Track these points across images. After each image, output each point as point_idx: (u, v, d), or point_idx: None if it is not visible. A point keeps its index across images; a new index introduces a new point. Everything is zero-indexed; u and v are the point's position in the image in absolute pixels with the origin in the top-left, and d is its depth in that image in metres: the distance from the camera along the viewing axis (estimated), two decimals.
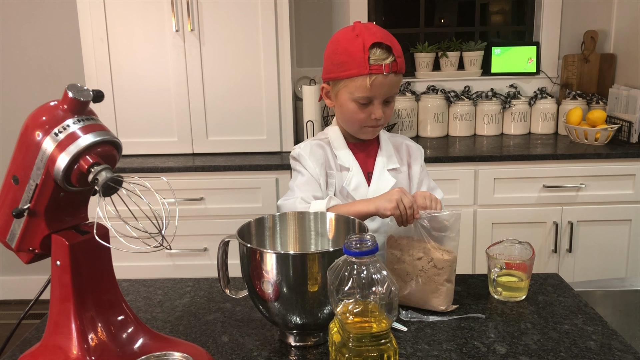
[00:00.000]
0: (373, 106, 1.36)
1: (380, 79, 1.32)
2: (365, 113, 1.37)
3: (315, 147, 1.46)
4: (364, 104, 1.36)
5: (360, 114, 1.37)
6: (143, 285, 1.35)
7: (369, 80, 1.32)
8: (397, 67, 1.33)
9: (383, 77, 1.32)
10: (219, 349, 1.05)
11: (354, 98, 1.36)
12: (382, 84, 1.33)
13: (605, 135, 2.64)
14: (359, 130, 1.42)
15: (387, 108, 1.39)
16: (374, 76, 1.32)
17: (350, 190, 1.42)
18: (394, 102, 1.42)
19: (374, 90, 1.34)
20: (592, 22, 3.03)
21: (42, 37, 3.02)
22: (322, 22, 3.07)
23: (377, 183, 1.44)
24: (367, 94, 1.34)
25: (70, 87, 0.87)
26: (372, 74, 1.32)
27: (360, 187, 1.43)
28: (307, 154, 1.44)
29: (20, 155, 0.90)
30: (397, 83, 1.37)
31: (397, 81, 1.37)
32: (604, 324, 1.12)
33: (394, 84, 1.36)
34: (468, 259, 2.60)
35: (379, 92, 1.34)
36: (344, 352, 0.83)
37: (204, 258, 2.57)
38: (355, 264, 0.82)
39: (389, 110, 1.40)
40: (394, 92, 1.38)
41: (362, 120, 1.38)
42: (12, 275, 3.24)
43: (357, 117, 1.38)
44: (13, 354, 1.05)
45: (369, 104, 1.36)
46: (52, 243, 0.92)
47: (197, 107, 2.60)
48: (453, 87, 3.05)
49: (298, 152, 1.47)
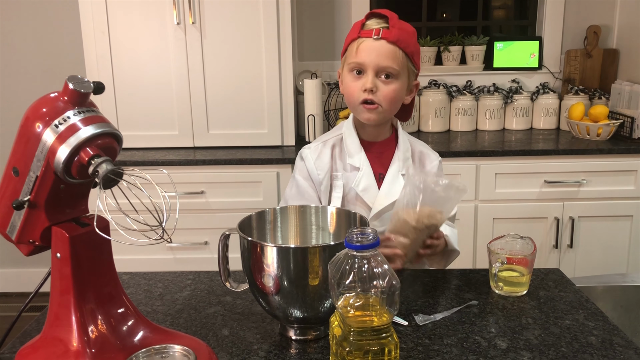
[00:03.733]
0: (365, 77, 1.32)
1: (369, 43, 1.30)
2: (358, 84, 1.33)
3: (324, 150, 1.43)
4: (357, 74, 1.33)
5: (352, 85, 1.34)
6: (143, 278, 1.35)
7: (357, 44, 1.31)
8: (390, 35, 1.29)
9: (372, 41, 1.30)
10: (220, 342, 1.05)
11: (348, 67, 1.35)
12: (370, 49, 1.30)
13: (608, 131, 2.63)
14: (357, 108, 1.36)
15: (384, 85, 1.32)
16: (362, 39, 1.31)
17: (359, 191, 1.39)
18: (398, 85, 1.33)
19: (363, 55, 1.31)
20: (595, 17, 3.02)
21: (43, 30, 3.01)
22: (324, 15, 3.06)
23: (390, 187, 1.39)
24: (355, 59, 1.32)
25: (71, 79, 0.87)
26: (360, 37, 1.32)
27: (370, 189, 1.39)
28: (314, 158, 1.42)
29: (20, 147, 0.90)
30: (391, 54, 1.30)
31: (390, 51, 1.30)
32: (605, 320, 1.11)
33: (387, 54, 1.30)
34: (469, 254, 2.60)
35: (369, 58, 1.30)
36: (345, 346, 0.83)
37: (204, 252, 2.57)
38: (357, 257, 0.82)
39: (386, 89, 1.32)
40: (387, 64, 1.30)
41: (355, 92, 1.34)
42: (12, 268, 3.24)
43: (350, 89, 1.35)
44: (13, 345, 1.05)
45: (361, 74, 1.33)
46: (53, 235, 0.92)
47: (198, 101, 2.60)
48: (455, 82, 3.04)
49: (306, 153, 1.44)
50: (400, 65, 1.32)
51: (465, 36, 3.12)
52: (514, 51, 3.09)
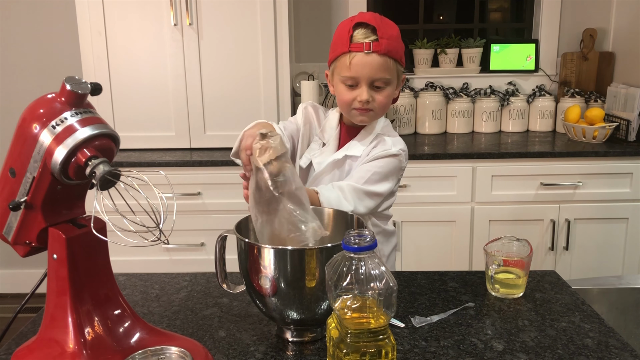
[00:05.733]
0: (360, 89, 1.34)
1: (360, 58, 1.30)
2: (352, 95, 1.35)
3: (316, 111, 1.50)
4: (350, 85, 1.34)
5: (346, 95, 1.36)
6: (140, 280, 1.34)
7: (349, 59, 1.31)
8: (380, 47, 1.29)
9: (364, 55, 1.30)
10: (216, 344, 1.05)
11: (341, 79, 1.36)
12: (363, 64, 1.31)
13: (603, 134, 2.64)
14: (349, 113, 1.39)
15: (377, 94, 1.34)
16: (353, 54, 1.31)
17: (315, 162, 1.43)
18: (390, 90, 1.36)
19: (356, 70, 1.32)
20: (592, 20, 3.03)
21: (40, 30, 3.00)
22: (321, 17, 3.06)
23: (319, 159, 1.43)
24: (349, 73, 1.33)
25: (68, 80, 0.87)
26: (351, 52, 1.31)
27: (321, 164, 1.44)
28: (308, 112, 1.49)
29: (17, 147, 0.89)
30: (383, 66, 1.31)
31: (382, 63, 1.31)
32: (601, 322, 1.12)
33: (379, 66, 1.31)
34: (465, 256, 2.61)
35: (361, 72, 1.31)
36: (342, 348, 0.83)
37: (200, 253, 2.56)
38: (354, 259, 0.82)
39: (380, 97, 1.34)
40: (380, 76, 1.32)
41: (350, 102, 1.36)
42: (8, 269, 3.23)
43: (345, 99, 1.37)
44: (9, 347, 1.04)
45: (355, 86, 1.34)
46: (49, 236, 0.92)
47: (195, 102, 2.60)
48: (451, 84, 3.04)
49: (305, 105, 1.51)
50: (392, 73, 1.34)
51: (461, 38, 3.12)
52: (510, 54, 3.10)
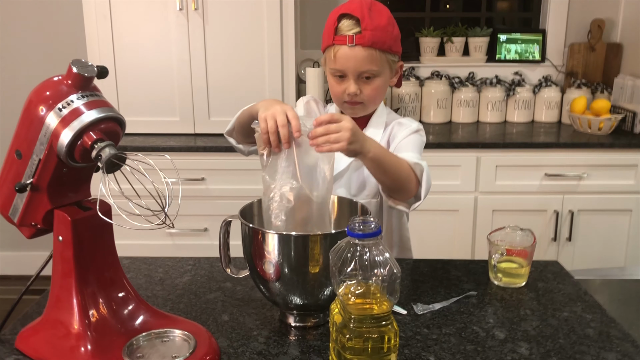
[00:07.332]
0: (348, 81, 1.32)
1: (345, 51, 1.29)
2: (342, 88, 1.34)
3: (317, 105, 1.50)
4: (339, 77, 1.33)
5: (336, 87, 1.35)
6: (144, 263, 1.35)
7: (333, 52, 1.31)
8: (363, 40, 1.26)
9: (348, 48, 1.28)
10: (219, 328, 1.06)
11: (330, 70, 1.35)
12: (347, 57, 1.29)
13: (609, 125, 2.63)
14: (342, 106, 1.39)
15: (366, 85, 1.32)
16: (337, 47, 1.30)
17: None
18: (380, 81, 1.33)
19: (341, 63, 1.30)
20: (600, 11, 3.00)
21: (45, 13, 2.99)
22: (327, 4, 3.04)
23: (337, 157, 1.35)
24: (334, 66, 1.32)
25: (75, 63, 0.87)
26: (335, 45, 1.30)
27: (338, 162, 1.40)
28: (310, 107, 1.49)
29: (23, 130, 0.90)
30: (367, 58, 1.28)
31: (366, 56, 1.28)
32: (603, 312, 1.12)
33: (364, 59, 1.28)
34: (467, 246, 2.61)
35: (347, 65, 1.30)
36: (345, 333, 0.83)
37: (204, 238, 2.57)
38: (358, 245, 0.82)
39: (369, 89, 1.32)
40: (367, 68, 1.29)
41: (339, 94, 1.35)
42: (12, 251, 3.25)
43: (334, 90, 1.36)
44: (14, 327, 1.05)
45: (344, 77, 1.33)
46: (55, 218, 0.92)
47: (199, 87, 2.59)
48: (457, 73, 3.03)
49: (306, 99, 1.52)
50: (379, 64, 1.31)
51: (468, 27, 3.10)
52: (517, 43, 3.08)
